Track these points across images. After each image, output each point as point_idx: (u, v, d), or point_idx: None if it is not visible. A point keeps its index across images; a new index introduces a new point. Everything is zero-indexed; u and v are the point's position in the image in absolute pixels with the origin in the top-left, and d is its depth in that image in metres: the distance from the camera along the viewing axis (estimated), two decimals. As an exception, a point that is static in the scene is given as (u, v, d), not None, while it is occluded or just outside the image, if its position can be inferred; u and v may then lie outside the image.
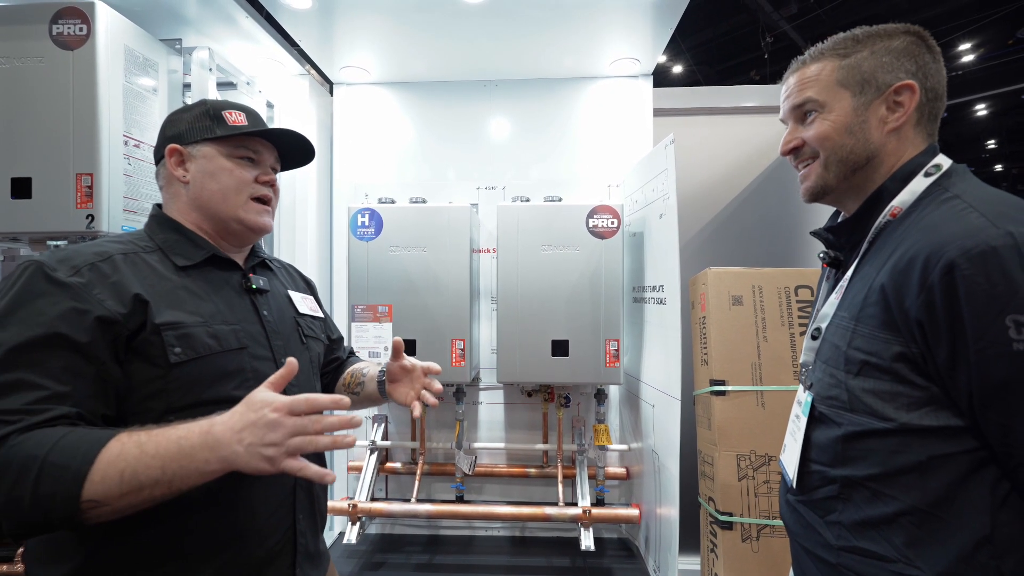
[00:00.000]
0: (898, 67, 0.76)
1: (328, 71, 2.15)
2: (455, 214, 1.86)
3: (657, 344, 1.74)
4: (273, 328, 0.91)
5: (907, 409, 0.65)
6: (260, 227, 0.92)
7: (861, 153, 0.78)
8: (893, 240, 0.72)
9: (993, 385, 0.59)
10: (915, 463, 0.65)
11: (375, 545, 2.08)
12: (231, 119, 0.91)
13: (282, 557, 0.85)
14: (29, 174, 1.42)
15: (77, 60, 1.42)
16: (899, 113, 0.76)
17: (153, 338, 0.74)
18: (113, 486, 0.63)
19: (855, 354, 0.70)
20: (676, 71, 9.82)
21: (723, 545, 1.96)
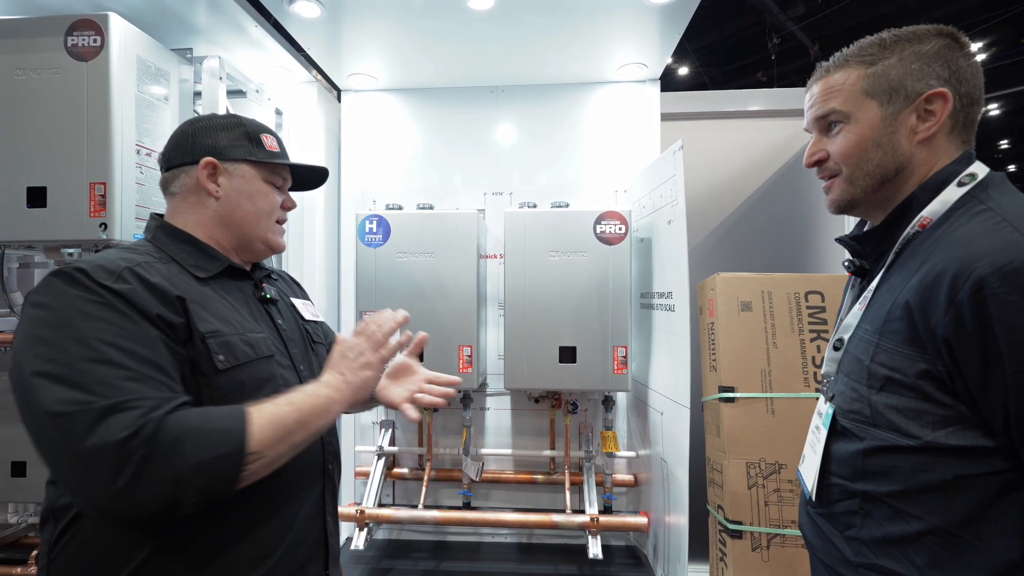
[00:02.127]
0: (929, 73, 0.72)
1: (336, 78, 2.17)
2: (462, 221, 1.86)
3: (665, 351, 1.73)
4: (289, 336, 0.93)
5: (932, 427, 0.64)
6: (280, 247, 0.99)
7: (889, 165, 0.74)
8: (922, 252, 0.69)
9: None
10: (940, 482, 0.64)
11: (382, 551, 2.08)
12: (267, 144, 0.95)
13: (316, 559, 0.88)
14: (44, 183, 1.44)
15: (91, 71, 1.44)
16: (930, 123, 0.72)
17: (200, 345, 0.75)
18: (268, 434, 0.71)
19: (878, 369, 0.69)
20: (682, 73, 9.79)
21: (732, 554, 1.94)
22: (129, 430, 0.62)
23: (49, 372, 0.64)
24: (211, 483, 0.67)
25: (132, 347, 0.68)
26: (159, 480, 0.63)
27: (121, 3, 1.63)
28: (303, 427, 0.74)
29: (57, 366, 0.64)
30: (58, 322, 0.67)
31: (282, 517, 0.81)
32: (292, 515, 0.82)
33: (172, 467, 0.63)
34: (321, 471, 0.90)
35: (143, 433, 0.63)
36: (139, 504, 0.62)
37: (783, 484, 1.94)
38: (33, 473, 1.79)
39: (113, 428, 0.62)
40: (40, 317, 0.68)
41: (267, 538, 0.78)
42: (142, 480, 0.62)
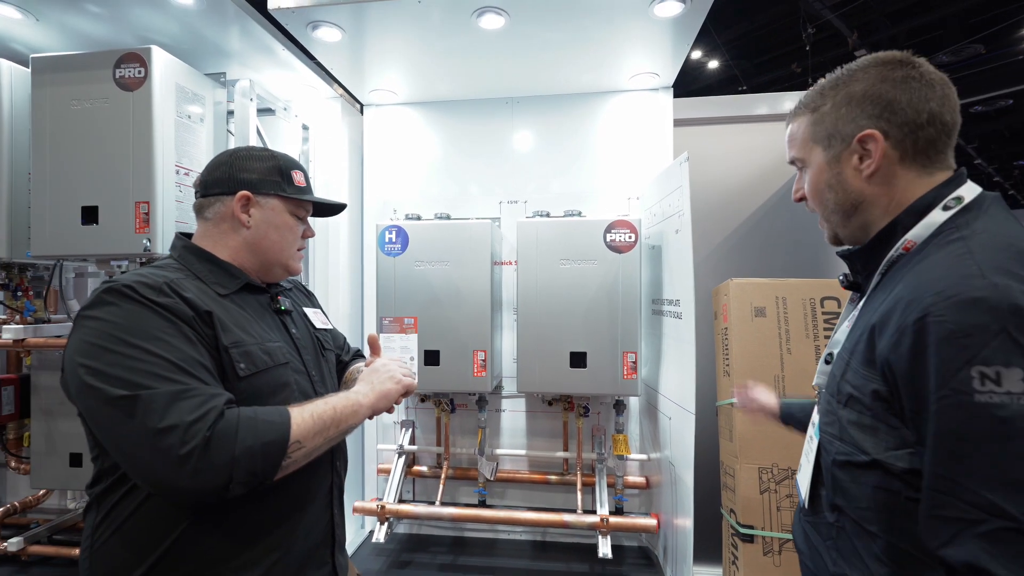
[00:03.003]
0: (858, 115, 0.74)
1: (358, 94, 2.27)
2: (476, 230, 1.94)
3: (674, 357, 1.76)
4: (302, 344, 1.03)
5: (884, 448, 0.65)
6: (297, 271, 1.10)
7: (845, 203, 0.78)
8: (900, 275, 0.70)
9: (947, 434, 0.57)
10: (894, 502, 0.65)
11: (403, 544, 2.19)
12: (296, 179, 1.05)
13: (324, 546, 0.97)
14: (96, 203, 1.59)
15: (136, 100, 1.58)
16: (869, 161, 0.74)
17: (224, 355, 0.85)
18: (308, 427, 0.83)
19: (845, 386, 0.71)
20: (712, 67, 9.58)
21: (744, 558, 1.96)
22: (195, 414, 0.73)
23: (114, 373, 0.74)
24: (259, 466, 0.77)
25: (181, 347, 0.79)
26: (218, 459, 0.73)
27: (163, 33, 1.77)
28: (336, 424, 0.87)
29: (122, 368, 0.74)
30: (116, 331, 0.77)
31: (297, 508, 0.91)
32: (306, 506, 0.92)
33: (229, 449, 0.74)
34: (330, 468, 0.99)
35: (208, 418, 0.74)
36: (197, 479, 0.72)
37: (794, 490, 1.94)
38: (89, 463, 1.96)
39: (181, 411, 0.73)
40: (98, 328, 0.78)
41: (280, 527, 0.88)
42: (204, 457, 0.72)
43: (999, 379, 0.55)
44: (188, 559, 0.81)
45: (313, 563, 0.94)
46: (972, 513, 0.55)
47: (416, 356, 1.96)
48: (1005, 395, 0.54)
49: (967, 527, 0.55)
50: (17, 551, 1.96)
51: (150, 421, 0.72)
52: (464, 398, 2.22)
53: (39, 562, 2.06)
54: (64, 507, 2.39)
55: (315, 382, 1.00)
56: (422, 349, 1.95)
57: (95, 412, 0.76)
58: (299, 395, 0.93)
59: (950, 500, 0.57)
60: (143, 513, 0.80)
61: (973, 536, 0.55)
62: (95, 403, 0.75)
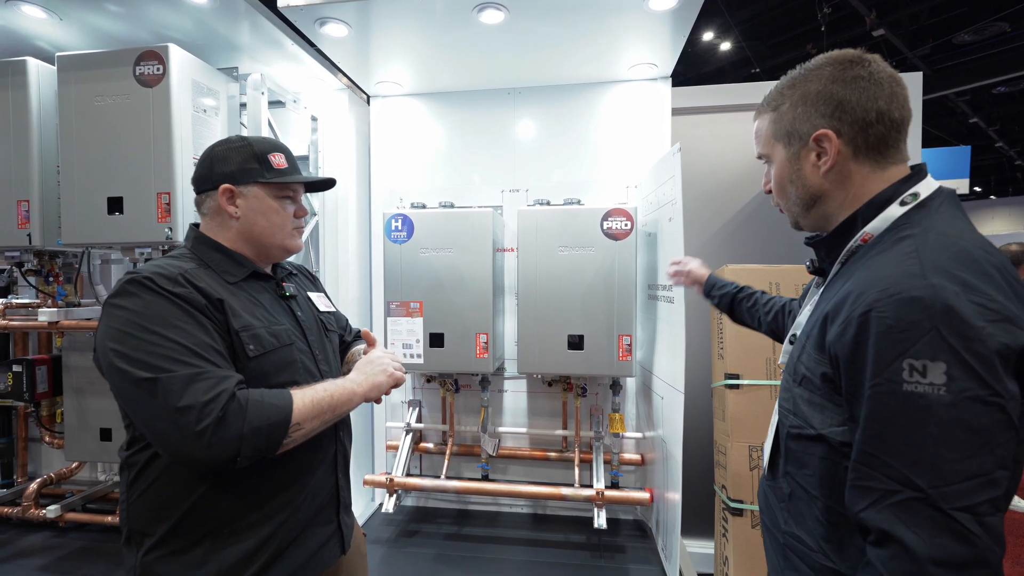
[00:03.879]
0: (813, 114, 0.78)
1: (365, 86, 2.34)
2: (479, 218, 2.02)
3: (666, 340, 1.84)
4: (307, 326, 1.11)
5: (829, 423, 0.72)
6: (297, 250, 1.14)
7: (805, 196, 0.83)
8: (856, 267, 0.75)
9: (876, 418, 0.63)
10: (835, 471, 0.72)
11: (410, 516, 2.32)
12: (275, 162, 1.06)
13: (329, 506, 1.08)
14: (121, 194, 1.70)
15: (155, 96, 1.67)
16: (825, 158, 0.78)
17: (235, 338, 0.95)
18: (307, 410, 0.92)
19: (800, 367, 0.78)
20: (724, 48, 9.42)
21: (734, 531, 2.06)
22: (209, 395, 0.83)
23: (138, 357, 0.84)
24: (264, 443, 0.86)
25: (196, 334, 0.89)
26: (228, 435, 0.83)
27: (178, 29, 1.85)
28: (332, 409, 0.96)
29: (145, 352, 0.85)
30: (139, 319, 0.87)
31: (302, 473, 1.01)
32: (310, 471, 1.02)
33: (239, 428, 0.84)
34: (334, 438, 1.09)
35: (220, 399, 0.84)
36: (211, 451, 0.82)
37: (782, 467, 2.03)
38: (118, 437, 2.11)
39: (197, 392, 0.83)
40: (123, 316, 0.88)
41: (289, 489, 0.99)
42: (216, 433, 0.82)
43: (925, 371, 0.60)
44: (208, 516, 0.92)
45: (319, 521, 1.04)
46: (889, 485, 0.62)
47: (422, 338, 2.06)
48: (928, 386, 0.60)
49: (884, 496, 0.62)
50: (55, 518, 2.12)
51: (170, 400, 0.82)
52: (468, 379, 2.33)
53: (75, 528, 2.22)
54: (95, 479, 2.55)
55: (319, 360, 1.09)
56: (427, 332, 2.04)
57: (123, 390, 0.86)
58: (304, 372, 1.02)
59: (872, 473, 0.63)
60: (167, 477, 0.91)
61: (888, 505, 0.61)
62: (123, 383, 0.85)
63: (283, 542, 0.97)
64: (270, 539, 0.95)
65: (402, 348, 2.06)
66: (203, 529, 0.91)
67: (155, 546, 0.91)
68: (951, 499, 0.58)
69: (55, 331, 1.97)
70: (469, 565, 1.93)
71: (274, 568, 0.95)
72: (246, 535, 0.93)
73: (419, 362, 2.05)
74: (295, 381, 1.00)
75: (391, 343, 2.06)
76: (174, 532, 0.91)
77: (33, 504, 2.16)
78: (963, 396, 0.59)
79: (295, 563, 0.98)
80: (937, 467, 0.59)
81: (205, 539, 0.91)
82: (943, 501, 0.58)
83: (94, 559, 1.99)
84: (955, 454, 0.59)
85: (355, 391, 1.01)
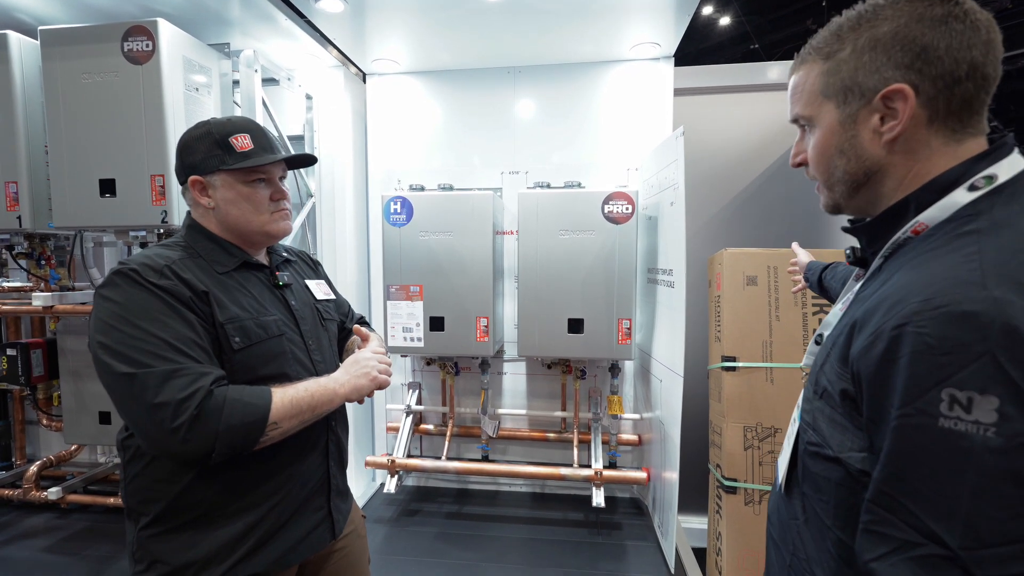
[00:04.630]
0: (886, 64, 0.60)
1: (361, 63, 2.28)
2: (478, 201, 2.00)
3: (666, 324, 1.85)
4: (300, 315, 1.10)
5: (847, 448, 0.60)
6: (282, 233, 1.08)
7: (857, 172, 0.65)
8: (901, 264, 0.61)
9: (900, 454, 0.52)
10: (851, 502, 0.60)
11: (411, 495, 2.36)
12: (238, 145, 0.99)
13: (320, 494, 1.08)
14: (113, 176, 1.65)
15: (145, 73, 1.62)
16: (893, 122, 0.61)
17: (220, 330, 0.94)
18: (285, 410, 0.92)
19: (822, 377, 0.65)
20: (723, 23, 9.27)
21: (727, 508, 2.12)
22: (185, 392, 0.84)
23: (120, 351, 0.85)
24: (239, 441, 0.87)
25: (177, 328, 0.88)
26: (203, 433, 0.83)
27: (165, 3, 1.78)
28: (312, 409, 0.95)
29: (126, 346, 0.85)
30: (122, 311, 0.88)
31: (289, 463, 1.01)
32: (300, 460, 1.02)
33: (214, 425, 0.84)
34: (326, 428, 1.08)
35: (196, 397, 0.84)
36: (186, 447, 0.84)
37: (776, 447, 2.08)
38: (117, 421, 2.11)
39: (173, 389, 0.84)
40: (109, 308, 0.88)
41: (278, 478, 0.99)
42: (191, 430, 0.83)
43: (970, 406, 0.48)
44: (198, 500, 0.93)
45: (309, 508, 1.05)
46: (910, 535, 0.51)
47: (422, 322, 2.07)
48: (972, 424, 0.48)
49: (902, 548, 0.52)
50: (57, 499, 2.13)
51: (147, 396, 0.83)
52: (468, 361, 2.34)
53: (77, 509, 2.24)
54: (95, 461, 2.56)
55: (312, 351, 1.08)
56: (427, 315, 2.04)
57: (106, 382, 0.88)
58: (294, 363, 1.02)
59: (890, 518, 0.53)
60: (159, 461, 0.93)
61: (906, 559, 0.51)
62: (105, 375, 0.87)
63: (271, 527, 0.98)
64: (258, 524, 0.97)
65: (402, 332, 2.06)
66: (193, 512, 0.93)
67: (149, 524, 0.93)
68: (987, 566, 0.47)
69: (50, 315, 1.94)
70: (470, 543, 1.97)
71: (262, 551, 0.97)
72: (235, 519, 0.95)
73: (419, 346, 2.06)
74: (284, 373, 0.99)
75: (391, 327, 2.06)
76: (166, 513, 0.93)
77: (34, 486, 2.17)
78: (1017, 441, 0.47)
79: (283, 547, 1.00)
80: (972, 524, 0.48)
81: (196, 521, 0.93)
82: (977, 567, 0.47)
83: (98, 539, 2.01)
84: (998, 511, 0.47)
85: (336, 391, 1.00)
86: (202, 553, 0.92)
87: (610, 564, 1.83)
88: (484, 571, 1.79)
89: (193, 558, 0.92)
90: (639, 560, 1.85)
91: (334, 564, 1.13)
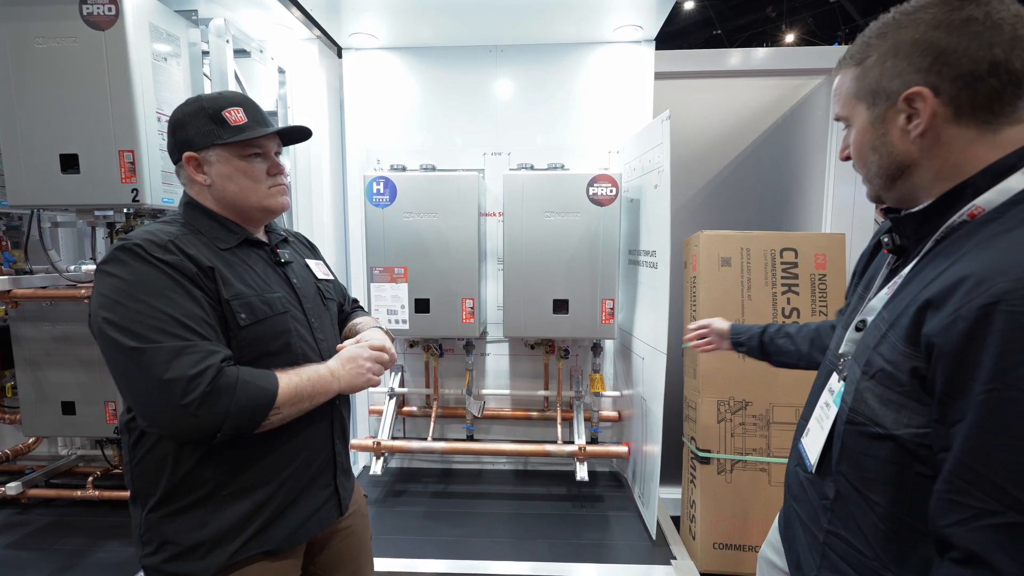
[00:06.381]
0: (906, 69, 0.65)
1: (337, 37, 2.20)
2: (464, 182, 1.98)
3: (648, 304, 1.91)
4: (303, 293, 1.09)
5: (904, 425, 0.63)
6: (281, 208, 1.06)
7: (890, 167, 0.70)
8: (961, 246, 0.63)
9: (985, 428, 0.54)
10: (901, 476, 0.64)
11: (396, 476, 2.37)
12: (232, 119, 0.97)
13: (326, 471, 1.09)
14: (76, 150, 1.55)
15: (108, 40, 1.51)
16: (917, 121, 0.65)
17: (225, 307, 0.92)
18: (289, 396, 0.92)
19: (877, 358, 0.67)
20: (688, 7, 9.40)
21: (701, 477, 2.24)
22: (195, 369, 0.83)
23: (126, 326, 0.83)
24: (245, 423, 0.87)
25: (185, 304, 0.87)
26: (214, 410, 0.83)
27: (125, -36, 1.65)
28: (311, 397, 0.96)
29: (133, 322, 0.83)
30: (128, 287, 0.85)
31: (295, 441, 1.01)
32: (304, 439, 1.03)
33: (223, 404, 0.84)
34: (330, 407, 1.08)
35: (207, 375, 0.83)
36: (194, 425, 0.83)
37: (748, 419, 2.20)
38: (82, 411, 2.01)
39: (184, 365, 0.82)
40: (113, 284, 0.86)
41: (284, 455, 0.99)
42: (200, 408, 0.82)
43: None
44: (205, 480, 0.93)
45: (316, 485, 1.06)
46: (988, 504, 0.54)
47: (407, 304, 2.05)
48: None
49: (979, 515, 0.54)
50: (16, 495, 2.02)
51: (156, 371, 0.81)
52: (452, 343, 2.35)
53: (40, 504, 2.13)
54: (56, 454, 2.43)
55: (315, 329, 1.07)
56: (412, 298, 2.03)
57: (112, 358, 0.85)
58: (299, 340, 1.01)
59: (970, 488, 0.55)
60: (166, 441, 0.91)
61: (983, 526, 0.54)
62: (111, 351, 0.84)
63: (280, 505, 0.98)
64: (267, 502, 0.97)
65: (387, 314, 2.04)
66: (201, 492, 0.92)
67: (156, 505, 0.92)
68: None
69: (8, 301, 1.81)
70: (457, 520, 2.01)
71: (271, 529, 0.97)
72: (243, 498, 0.95)
73: (405, 328, 2.05)
74: (290, 350, 0.99)
75: (375, 309, 2.04)
76: (174, 493, 0.92)
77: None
78: None
79: (292, 525, 1.00)
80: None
81: (204, 501, 0.92)
82: None
83: (67, 533, 1.93)
84: None
85: (332, 386, 1.00)
86: (212, 532, 0.92)
87: (594, 534, 1.91)
88: (473, 546, 1.84)
89: (203, 537, 0.91)
90: (621, 529, 1.94)
91: (340, 542, 1.14)
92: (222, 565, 0.92)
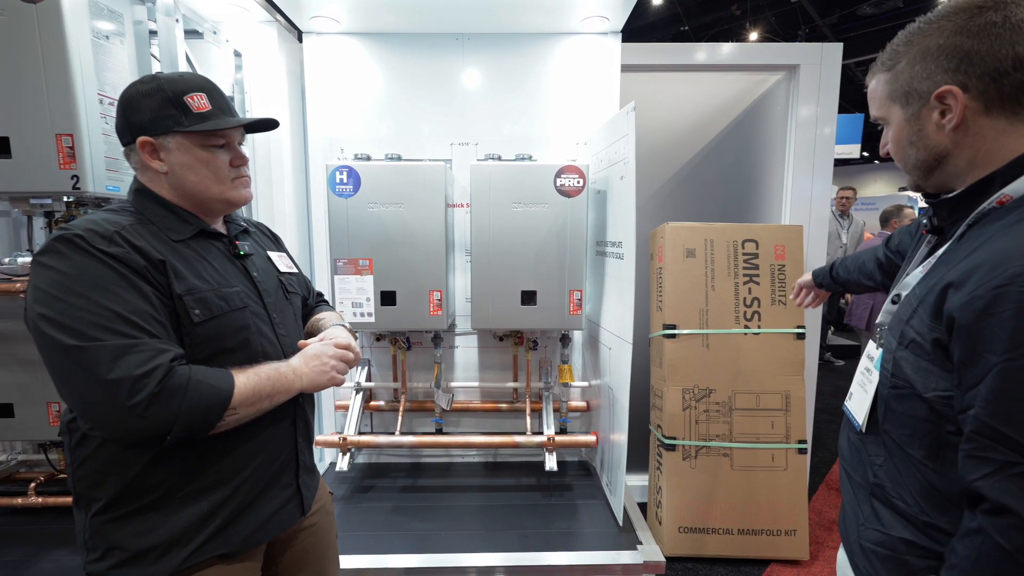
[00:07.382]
0: (934, 71, 0.71)
1: (297, 20, 2.11)
2: (430, 172, 1.95)
3: (615, 294, 1.93)
4: (264, 287, 1.04)
5: (931, 389, 0.70)
6: (243, 201, 1.02)
7: (928, 159, 0.76)
8: (989, 231, 0.69)
9: (1003, 390, 0.61)
10: (936, 432, 0.71)
11: (364, 472, 2.33)
12: (195, 105, 0.92)
13: (288, 470, 1.05)
14: (6, 133, 1.44)
15: (41, 15, 1.40)
16: (950, 116, 0.71)
17: (178, 302, 0.87)
18: (246, 396, 0.88)
19: (908, 330, 0.74)
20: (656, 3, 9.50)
21: (667, 463, 2.29)
22: (142, 369, 0.78)
23: (65, 323, 0.77)
24: (197, 424, 0.83)
25: (131, 300, 0.81)
26: (162, 412, 0.79)
27: (60, -67, 1.53)
28: (270, 397, 0.93)
29: (72, 319, 0.77)
30: (68, 281, 0.79)
31: (255, 439, 0.97)
32: (265, 438, 0.99)
33: (174, 405, 0.80)
34: (292, 404, 1.04)
35: (155, 374, 0.79)
36: (141, 428, 0.79)
37: (711, 406, 2.26)
38: (20, 414, 1.88)
39: (130, 364, 0.78)
40: (50, 277, 0.79)
41: (243, 456, 0.95)
42: (148, 410, 0.78)
43: None
44: (158, 482, 0.88)
45: (278, 485, 1.02)
46: (1011, 456, 0.60)
47: (372, 297, 2.01)
48: None
49: (1004, 467, 0.61)
50: (-51, 504, 1.89)
51: (99, 371, 0.76)
52: (420, 336, 2.31)
53: (-23, 513, 1.99)
54: (-6, 459, 2.28)
55: (276, 324, 1.03)
56: (378, 290, 1.99)
57: (50, 357, 0.79)
58: (258, 337, 0.97)
59: (992, 445, 0.62)
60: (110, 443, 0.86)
61: (1008, 476, 0.60)
62: (49, 349, 0.79)
63: (238, 507, 0.95)
64: (224, 504, 0.93)
65: (352, 307, 1.99)
66: (153, 494, 0.88)
67: (103, 510, 0.87)
68: None
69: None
70: (426, 514, 1.99)
71: (229, 531, 0.93)
72: (199, 500, 0.90)
73: (371, 321, 2.00)
74: (249, 347, 0.95)
75: (339, 302, 1.99)
76: (122, 497, 0.87)
77: (-82, 492, 1.90)
78: None
79: (251, 526, 0.97)
80: None
81: (156, 504, 0.88)
82: None
83: (8, 543, 1.81)
84: None
85: (293, 384, 0.97)
86: (164, 536, 0.87)
87: (563, 523, 1.93)
88: (443, 539, 1.82)
89: (154, 542, 0.87)
90: (590, 517, 1.97)
91: (303, 541, 1.11)
92: (174, 570, 0.88)
